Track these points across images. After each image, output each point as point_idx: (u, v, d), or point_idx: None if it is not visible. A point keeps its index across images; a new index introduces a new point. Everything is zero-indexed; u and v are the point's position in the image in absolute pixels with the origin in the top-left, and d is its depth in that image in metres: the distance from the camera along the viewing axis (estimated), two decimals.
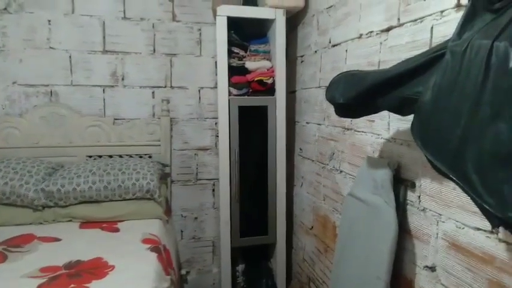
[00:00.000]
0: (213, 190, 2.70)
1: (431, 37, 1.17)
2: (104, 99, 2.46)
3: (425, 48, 1.14)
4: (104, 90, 2.45)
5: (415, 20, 1.25)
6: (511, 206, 0.65)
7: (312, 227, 2.18)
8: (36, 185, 1.96)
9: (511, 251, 0.90)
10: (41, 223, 1.94)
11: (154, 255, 1.61)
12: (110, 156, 2.38)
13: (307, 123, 2.26)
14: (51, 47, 2.34)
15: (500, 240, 0.93)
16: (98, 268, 1.47)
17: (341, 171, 1.80)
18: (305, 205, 2.30)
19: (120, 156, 2.40)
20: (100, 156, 2.38)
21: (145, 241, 1.74)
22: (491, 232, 0.95)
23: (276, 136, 2.28)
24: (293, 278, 2.54)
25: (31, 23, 2.30)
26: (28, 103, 2.34)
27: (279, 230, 2.35)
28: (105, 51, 2.43)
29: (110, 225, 1.94)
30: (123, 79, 2.47)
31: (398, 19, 1.34)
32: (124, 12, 2.43)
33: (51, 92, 2.37)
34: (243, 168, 2.28)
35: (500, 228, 0.91)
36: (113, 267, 1.47)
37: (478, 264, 0.99)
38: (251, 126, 2.29)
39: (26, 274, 1.40)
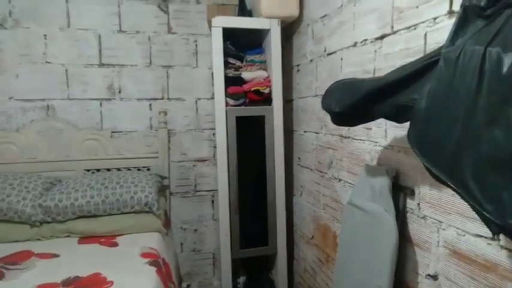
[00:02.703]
0: (212, 201, 2.69)
1: (425, 44, 1.17)
2: (101, 112, 2.46)
3: (420, 55, 1.14)
4: (100, 103, 2.45)
5: (409, 27, 1.25)
6: (511, 212, 0.64)
7: (313, 237, 2.16)
8: (33, 201, 1.94)
9: None
10: (39, 239, 1.92)
11: (153, 269, 1.59)
12: (108, 170, 2.37)
13: (304, 132, 2.25)
14: (47, 62, 2.35)
15: (501, 247, 0.92)
16: (97, 284, 1.45)
17: (340, 180, 1.79)
18: (305, 214, 2.29)
19: (118, 169, 2.39)
20: (98, 170, 2.37)
21: (144, 255, 1.72)
22: (493, 239, 0.94)
23: (274, 146, 2.27)
24: None
25: (27, 38, 2.31)
26: (25, 118, 2.34)
27: (279, 240, 2.33)
28: (101, 65, 2.43)
29: (108, 239, 1.92)
30: (119, 92, 2.48)
31: (392, 27, 1.34)
32: (119, 26, 2.44)
33: (47, 106, 2.37)
34: (242, 179, 2.27)
35: (501, 235, 0.90)
36: (111, 282, 1.45)
37: (481, 272, 0.98)
38: (249, 136, 2.28)
39: None
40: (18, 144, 2.27)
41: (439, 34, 1.10)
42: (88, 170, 2.36)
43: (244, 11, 2.41)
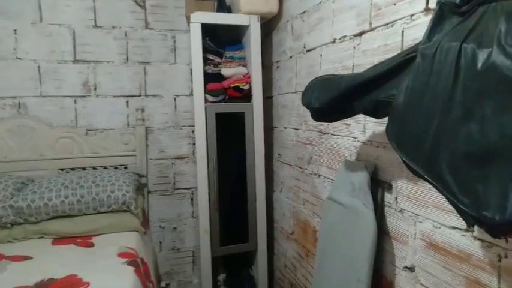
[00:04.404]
0: (192, 199, 2.66)
1: (403, 40, 1.19)
2: (76, 110, 2.38)
3: (397, 52, 1.16)
4: (75, 100, 2.38)
5: (386, 24, 1.27)
6: (486, 204, 0.66)
7: (293, 232, 2.18)
8: (4, 202, 1.86)
9: (486, 248, 0.92)
10: (10, 241, 1.84)
11: (131, 269, 1.56)
12: (84, 169, 2.30)
13: (284, 128, 2.26)
14: (18, 58, 2.25)
15: (475, 238, 0.95)
16: (72, 286, 1.40)
17: (319, 175, 1.81)
18: (285, 210, 2.30)
19: (94, 168, 2.32)
20: (73, 169, 2.30)
21: (121, 255, 1.68)
22: (467, 230, 0.97)
23: (254, 142, 2.27)
24: (275, 284, 2.52)
25: None
26: None
27: (259, 236, 2.33)
28: (75, 61, 2.36)
29: (84, 240, 1.87)
30: (95, 89, 2.41)
31: (370, 23, 1.36)
32: (95, 21, 2.37)
33: (19, 104, 2.27)
34: (222, 176, 2.26)
35: (475, 227, 0.93)
36: (88, 284, 1.41)
37: (455, 263, 1.01)
38: (229, 133, 2.27)
39: None
40: None
41: (416, 31, 1.13)
42: (62, 169, 2.29)
43: (223, 6, 2.39)
